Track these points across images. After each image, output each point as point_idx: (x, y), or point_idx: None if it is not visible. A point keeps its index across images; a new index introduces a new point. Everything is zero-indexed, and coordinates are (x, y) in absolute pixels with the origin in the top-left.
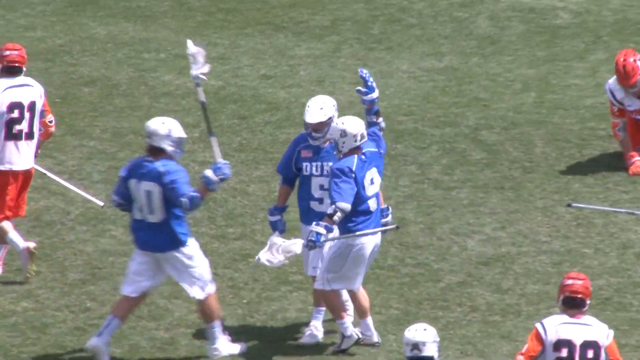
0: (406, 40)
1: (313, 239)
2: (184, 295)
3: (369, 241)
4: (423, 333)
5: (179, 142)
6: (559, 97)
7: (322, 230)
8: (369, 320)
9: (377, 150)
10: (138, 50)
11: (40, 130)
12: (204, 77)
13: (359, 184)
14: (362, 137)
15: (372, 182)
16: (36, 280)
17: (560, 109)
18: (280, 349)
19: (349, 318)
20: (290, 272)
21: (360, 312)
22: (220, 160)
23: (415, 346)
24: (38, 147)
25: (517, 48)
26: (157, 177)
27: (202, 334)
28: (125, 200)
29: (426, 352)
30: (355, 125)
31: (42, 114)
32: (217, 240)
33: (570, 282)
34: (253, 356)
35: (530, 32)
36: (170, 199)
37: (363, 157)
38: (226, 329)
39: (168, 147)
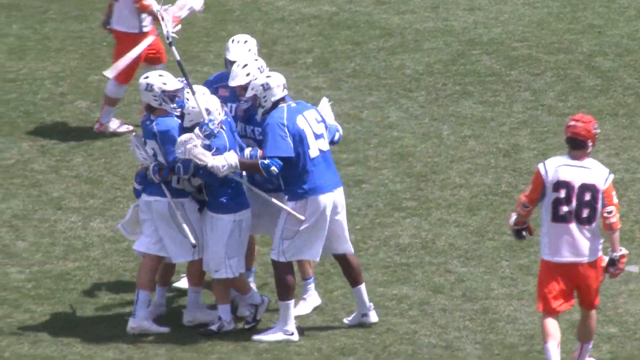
0: None
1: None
2: None
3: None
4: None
5: (167, 96)
6: None
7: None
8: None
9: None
10: None
11: None
12: (175, 36)
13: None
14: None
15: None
16: None
17: None
18: (393, 273)
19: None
20: (403, 198)
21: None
22: (205, 117)
23: (285, 85)
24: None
25: None
26: (153, 136)
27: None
28: None
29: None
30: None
31: None
32: None
33: (572, 123)
34: (367, 282)
35: None
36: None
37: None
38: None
39: (153, 102)
